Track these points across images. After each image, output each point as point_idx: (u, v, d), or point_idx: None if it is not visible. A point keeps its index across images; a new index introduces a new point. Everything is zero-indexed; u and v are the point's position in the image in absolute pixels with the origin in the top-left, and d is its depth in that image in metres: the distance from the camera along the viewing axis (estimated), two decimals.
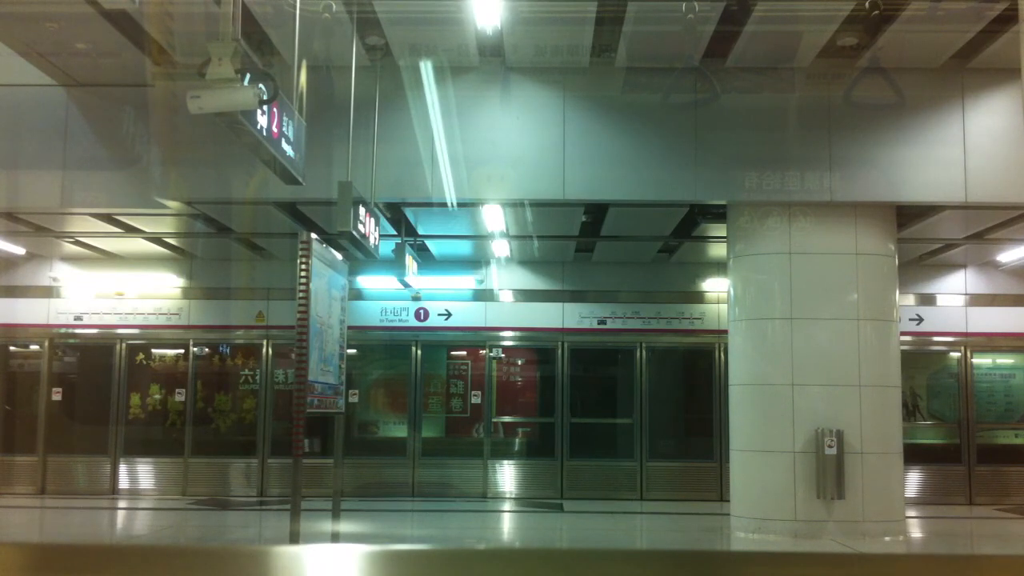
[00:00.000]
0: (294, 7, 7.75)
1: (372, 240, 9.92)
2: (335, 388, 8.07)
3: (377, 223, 10.22)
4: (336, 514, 8.46)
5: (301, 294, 7.07)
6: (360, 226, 9.25)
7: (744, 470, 11.16)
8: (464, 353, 15.74)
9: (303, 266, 7.08)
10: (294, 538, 7.37)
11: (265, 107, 5.78)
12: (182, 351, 15.53)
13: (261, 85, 5.46)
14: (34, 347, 15.57)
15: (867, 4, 9.18)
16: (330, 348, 7.79)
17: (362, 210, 9.41)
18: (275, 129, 6.25)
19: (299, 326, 7.05)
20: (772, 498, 10.83)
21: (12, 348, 15.82)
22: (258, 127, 5.86)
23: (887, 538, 10.70)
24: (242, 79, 5.33)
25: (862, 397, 10.75)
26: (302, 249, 7.21)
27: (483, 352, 15.57)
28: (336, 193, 9.03)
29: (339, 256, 9.20)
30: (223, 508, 14.04)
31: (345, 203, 8.66)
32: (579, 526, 12.99)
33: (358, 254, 10.78)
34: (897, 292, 11.25)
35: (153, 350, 15.64)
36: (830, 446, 10.51)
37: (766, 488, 10.90)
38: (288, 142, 6.60)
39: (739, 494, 11.22)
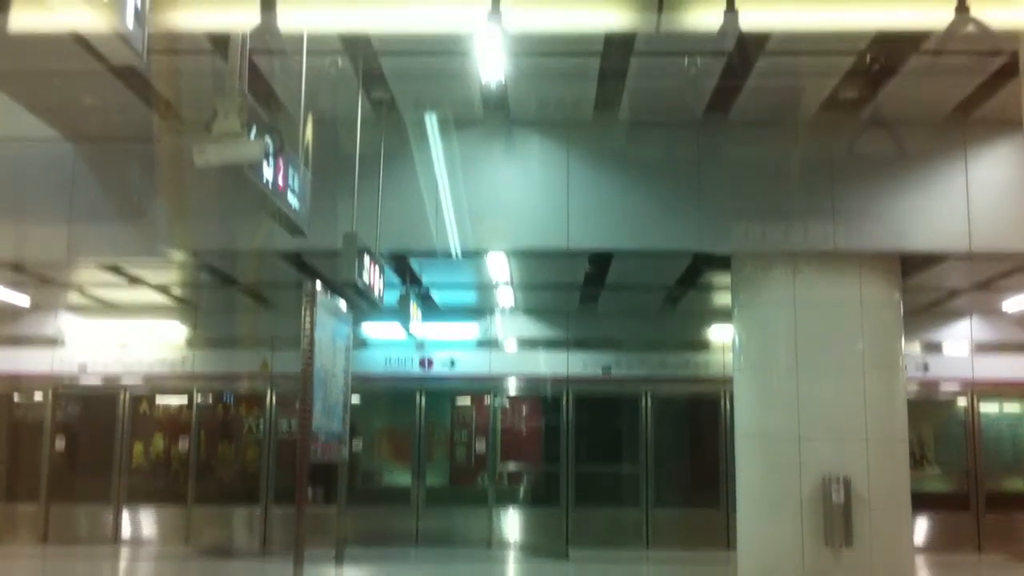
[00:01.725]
0: (300, 62, 7.82)
1: (376, 290, 9.93)
2: (339, 436, 8.06)
3: (381, 273, 10.24)
4: (339, 561, 8.41)
5: (306, 344, 7.08)
6: (364, 276, 9.27)
7: (751, 519, 11.08)
8: (468, 401, 15.72)
9: (308, 316, 7.09)
10: None
11: (271, 160, 5.82)
12: (186, 400, 15.51)
13: (267, 138, 5.51)
14: (38, 396, 15.55)
15: (867, 59, 9.27)
16: (334, 397, 7.78)
17: (367, 260, 9.44)
18: (281, 182, 6.29)
19: (303, 375, 7.06)
20: (780, 548, 10.74)
21: (16, 398, 15.80)
22: (264, 180, 5.90)
23: None
24: (248, 132, 5.37)
25: (869, 450, 10.69)
26: (307, 299, 7.22)
27: (487, 400, 15.54)
28: (341, 244, 9.08)
29: (343, 306, 9.21)
30: (226, 557, 13.96)
31: (350, 253, 8.69)
32: (587, 574, 12.90)
33: (363, 304, 10.81)
34: (903, 341, 11.23)
35: (157, 399, 15.63)
36: (837, 492, 10.44)
37: (773, 537, 10.81)
38: (294, 194, 6.65)
39: (746, 543, 11.13)
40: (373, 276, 9.78)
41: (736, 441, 11.38)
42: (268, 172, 5.96)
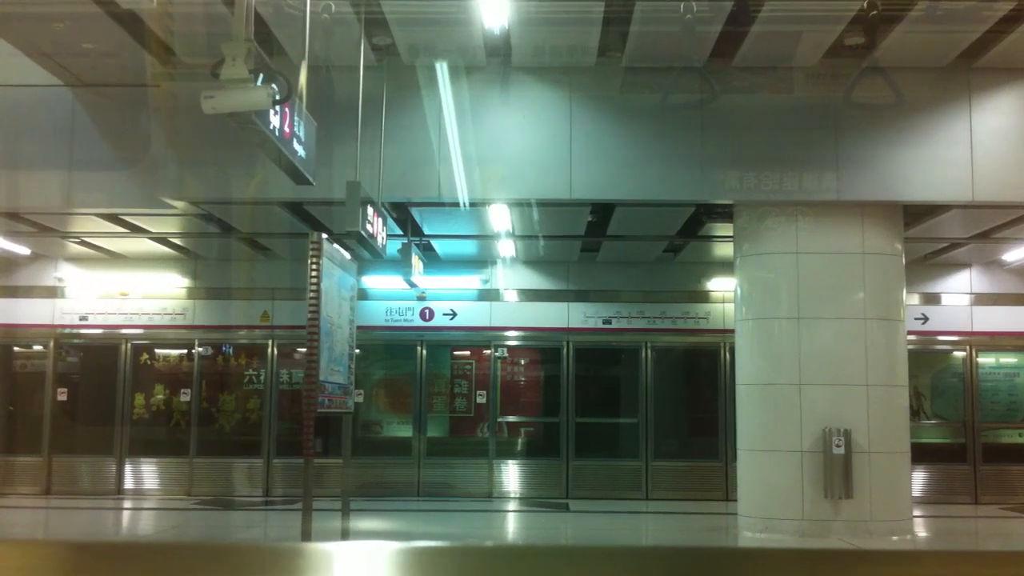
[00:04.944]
0: (302, 8, 7.74)
1: (380, 240, 9.92)
2: (344, 388, 8.07)
3: (384, 223, 10.22)
4: (345, 513, 8.46)
5: (312, 294, 7.07)
6: (368, 226, 9.25)
7: (751, 470, 11.15)
8: (469, 353, 15.74)
9: (314, 266, 7.08)
10: (306, 536, 7.37)
11: (277, 107, 5.77)
12: (187, 351, 15.53)
13: (274, 85, 5.46)
14: (38, 347, 15.55)
15: (866, 4, 9.19)
16: (339, 348, 7.79)
17: (370, 210, 9.41)
18: (287, 129, 6.25)
19: (310, 326, 7.05)
20: (779, 498, 10.83)
21: (16, 348, 15.81)
22: (270, 127, 5.86)
23: (894, 537, 10.69)
24: (255, 79, 5.32)
25: (869, 397, 10.75)
26: (312, 249, 7.20)
27: (488, 352, 15.57)
28: (342, 193, 9.03)
29: (348, 256, 9.19)
30: (229, 508, 14.04)
31: (353, 203, 8.66)
32: (588, 525, 12.98)
33: (364, 254, 10.76)
34: (904, 291, 11.25)
35: (157, 350, 15.64)
36: (838, 445, 10.50)
37: (773, 488, 10.90)
38: (299, 142, 6.60)
39: (746, 494, 11.21)
40: (376, 226, 9.76)
41: (737, 391, 11.43)
42: (274, 119, 5.91)
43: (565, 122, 10.72)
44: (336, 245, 7.64)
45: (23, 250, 14.71)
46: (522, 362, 15.83)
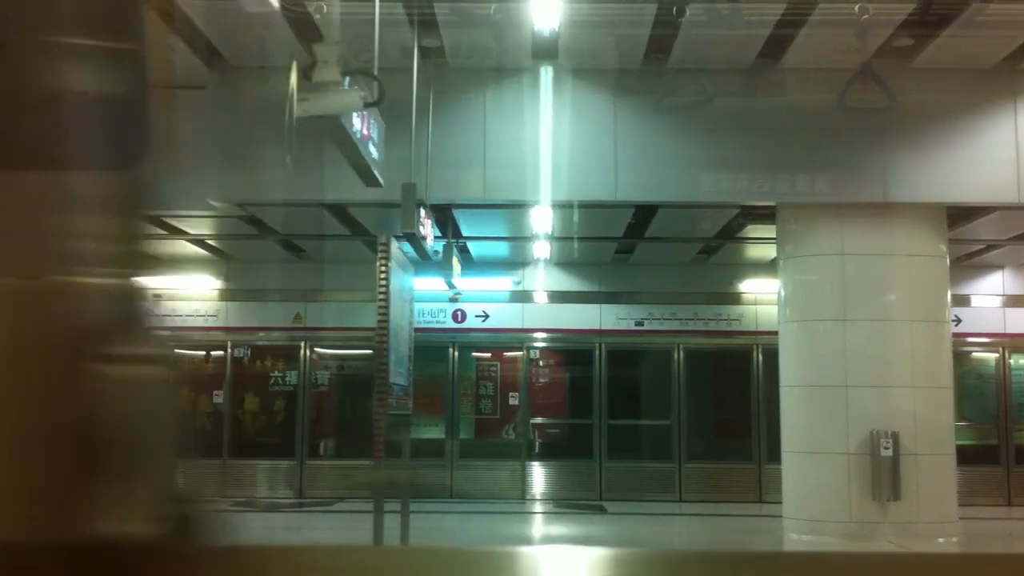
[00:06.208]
0: (368, 13, 7.72)
1: (428, 242, 9.91)
2: (405, 389, 8.08)
3: (433, 224, 10.21)
4: (405, 515, 8.47)
5: (381, 296, 7.07)
6: (420, 227, 9.24)
7: (797, 472, 11.13)
8: (501, 354, 15.73)
9: (383, 267, 7.07)
10: (378, 539, 7.37)
11: (367, 110, 5.77)
12: (219, 352, 15.52)
13: (361, 88, 5.45)
14: None
15: (924, 7, 9.19)
16: (402, 350, 7.79)
17: (421, 211, 9.40)
18: (365, 132, 6.24)
19: (379, 328, 7.05)
20: (826, 500, 10.81)
21: None
22: (354, 130, 5.85)
23: (940, 539, 10.67)
24: (344, 82, 5.31)
25: (915, 398, 10.74)
26: (381, 250, 7.19)
27: (520, 353, 15.56)
28: (387, 195, 8.96)
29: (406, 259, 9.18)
30: (266, 510, 14.01)
31: (409, 205, 8.64)
32: (638, 528, 12.91)
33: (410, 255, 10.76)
34: (948, 293, 11.24)
35: (188, 352, 15.64)
36: (886, 447, 10.49)
37: (819, 490, 10.88)
38: (373, 144, 6.60)
39: (791, 496, 11.19)
40: (427, 227, 9.75)
41: (781, 393, 11.40)
42: (356, 122, 5.91)
43: (610, 123, 10.70)
44: (400, 247, 7.64)
45: None
46: (554, 364, 15.82)
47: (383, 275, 7.03)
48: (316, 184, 10.45)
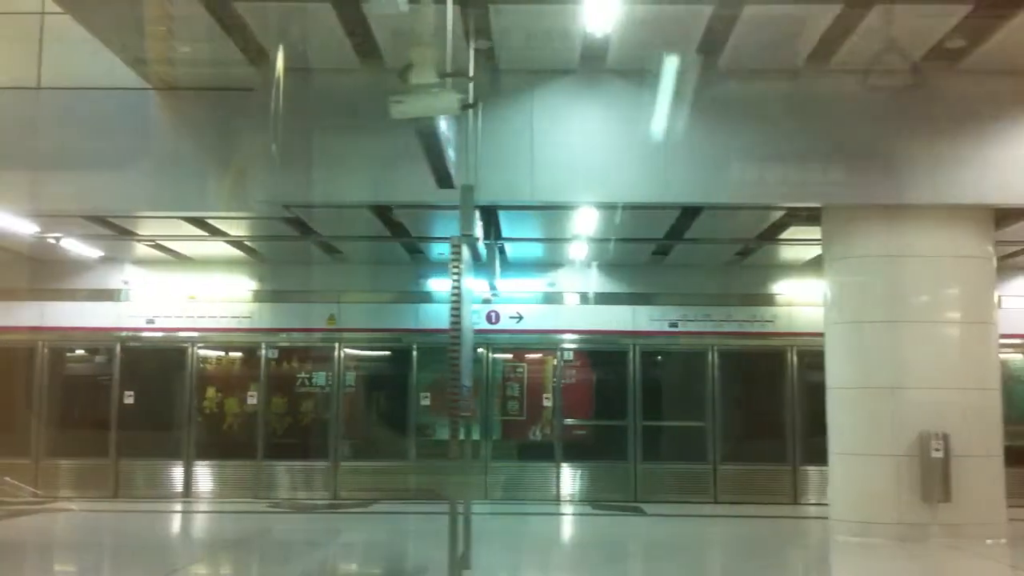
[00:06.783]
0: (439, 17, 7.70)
1: (481, 243, 9.91)
2: (470, 391, 8.07)
3: (483, 226, 10.21)
4: (468, 517, 8.45)
5: (454, 297, 7.07)
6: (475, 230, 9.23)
7: (845, 474, 11.12)
8: (535, 355, 15.72)
9: (455, 269, 7.07)
10: (454, 544, 7.36)
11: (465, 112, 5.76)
12: (253, 354, 15.52)
13: (457, 91, 5.44)
14: (104, 350, 15.53)
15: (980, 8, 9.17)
16: (468, 351, 7.78)
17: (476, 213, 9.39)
18: (448, 133, 6.23)
19: (452, 329, 7.05)
20: (875, 501, 10.80)
21: (81, 351, 15.81)
22: (442, 132, 5.85)
23: (989, 541, 10.66)
24: (442, 84, 5.30)
25: (964, 400, 10.73)
26: (453, 252, 7.19)
27: (554, 355, 15.54)
28: (432, 197, 8.92)
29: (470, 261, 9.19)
30: (303, 511, 14.00)
31: (468, 207, 8.61)
32: (679, 530, 12.87)
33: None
34: (995, 294, 11.22)
35: (223, 353, 15.66)
36: (936, 449, 10.48)
37: (869, 491, 10.87)
38: (452, 147, 6.59)
39: (839, 498, 11.19)
40: (478, 230, 9.74)
41: (828, 395, 11.38)
42: (443, 125, 5.89)
43: (660, 125, 10.66)
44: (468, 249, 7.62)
45: (95, 252, 14.71)
46: (588, 365, 15.79)
47: (455, 277, 7.02)
48: (370, 185, 10.48)
